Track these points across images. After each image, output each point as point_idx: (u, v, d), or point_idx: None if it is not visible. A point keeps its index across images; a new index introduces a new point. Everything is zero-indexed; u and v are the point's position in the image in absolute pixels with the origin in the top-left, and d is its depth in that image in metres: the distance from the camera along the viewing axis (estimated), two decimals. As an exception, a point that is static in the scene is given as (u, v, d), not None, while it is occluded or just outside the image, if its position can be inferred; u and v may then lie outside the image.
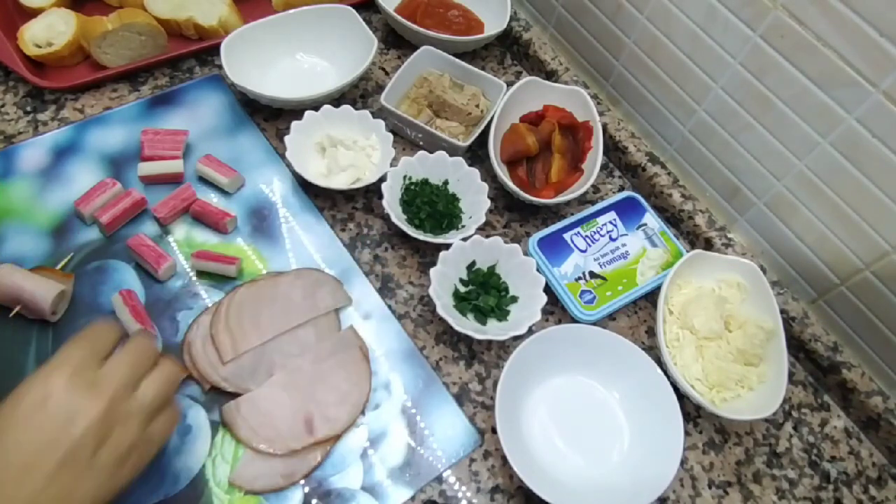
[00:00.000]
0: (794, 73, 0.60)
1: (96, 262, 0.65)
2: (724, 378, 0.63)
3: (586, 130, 0.78)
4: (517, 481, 0.58)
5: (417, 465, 0.59)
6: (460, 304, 0.66)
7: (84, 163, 0.71)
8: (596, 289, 0.69)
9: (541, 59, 0.88)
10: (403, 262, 0.71)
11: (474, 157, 0.80)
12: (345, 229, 0.72)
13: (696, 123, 0.73)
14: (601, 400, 0.64)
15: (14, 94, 0.75)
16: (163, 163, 0.70)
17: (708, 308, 0.66)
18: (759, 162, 0.68)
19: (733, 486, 0.63)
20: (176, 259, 0.66)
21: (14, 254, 0.64)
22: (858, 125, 0.57)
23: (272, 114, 0.79)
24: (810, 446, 0.67)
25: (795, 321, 0.70)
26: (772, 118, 0.64)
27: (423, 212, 0.71)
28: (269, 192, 0.73)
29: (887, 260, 0.61)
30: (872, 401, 0.66)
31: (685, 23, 0.68)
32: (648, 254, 0.73)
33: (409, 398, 0.62)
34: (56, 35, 0.76)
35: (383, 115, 0.77)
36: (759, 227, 0.72)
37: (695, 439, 0.65)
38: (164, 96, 0.78)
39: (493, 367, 0.66)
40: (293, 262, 0.68)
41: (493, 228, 0.75)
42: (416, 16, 0.86)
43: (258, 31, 0.78)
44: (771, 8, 0.59)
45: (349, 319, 0.66)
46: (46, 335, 0.60)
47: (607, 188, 0.82)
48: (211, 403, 0.59)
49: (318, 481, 0.57)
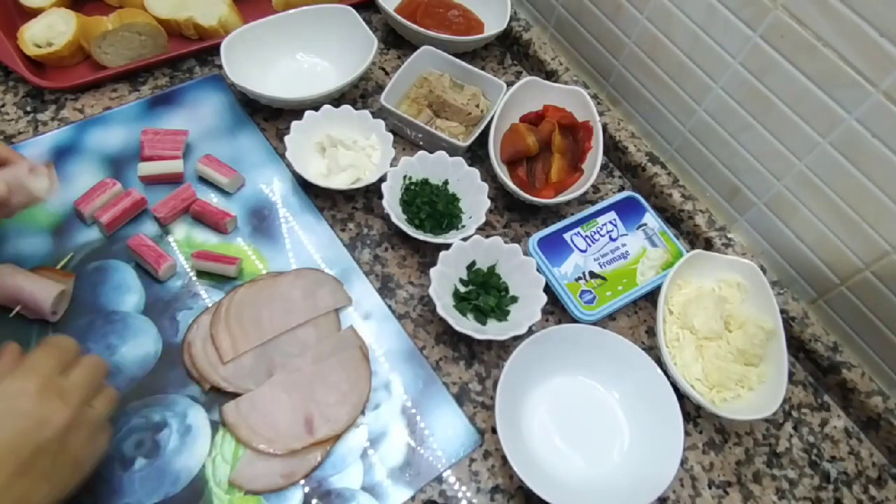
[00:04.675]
0: (794, 73, 0.60)
1: (96, 262, 0.65)
2: (724, 378, 0.63)
3: (586, 130, 0.78)
4: (517, 481, 0.58)
5: (417, 465, 0.59)
6: (460, 304, 0.66)
7: (84, 163, 0.71)
8: (596, 289, 0.69)
9: (541, 59, 0.88)
10: (403, 262, 0.71)
11: (474, 157, 0.80)
12: (345, 229, 0.72)
13: (696, 123, 0.73)
14: (601, 400, 0.64)
15: (14, 94, 0.75)
16: (163, 163, 0.70)
17: (708, 308, 0.66)
18: (759, 162, 0.68)
19: (733, 486, 0.63)
20: (176, 259, 0.66)
21: (14, 254, 0.64)
22: (858, 125, 0.57)
23: (272, 114, 0.79)
24: (810, 446, 0.67)
25: (795, 321, 0.70)
26: (772, 118, 0.64)
27: (423, 212, 0.71)
28: (269, 192, 0.73)
29: (887, 260, 0.61)
30: (872, 401, 0.66)
31: (685, 23, 0.68)
32: (648, 254, 0.73)
33: (409, 398, 0.62)
34: (56, 35, 0.76)
35: (383, 115, 0.77)
36: (759, 227, 0.72)
37: (695, 439, 0.65)
38: (164, 96, 0.78)
39: (493, 367, 0.66)
40: (293, 262, 0.68)
41: (493, 228, 0.75)
42: (416, 16, 0.86)
43: (258, 31, 0.78)
44: (771, 8, 0.59)
45: (349, 319, 0.66)
46: (46, 335, 0.60)
47: (607, 188, 0.82)
48: (211, 403, 0.59)
49: (318, 481, 0.57)
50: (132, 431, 0.57)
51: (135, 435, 0.56)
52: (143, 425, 0.57)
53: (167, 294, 0.64)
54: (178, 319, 0.63)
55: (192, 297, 0.64)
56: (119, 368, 0.59)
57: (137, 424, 0.57)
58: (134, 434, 0.57)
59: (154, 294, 0.64)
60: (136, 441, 0.56)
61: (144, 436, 0.57)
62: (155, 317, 0.62)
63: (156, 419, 0.57)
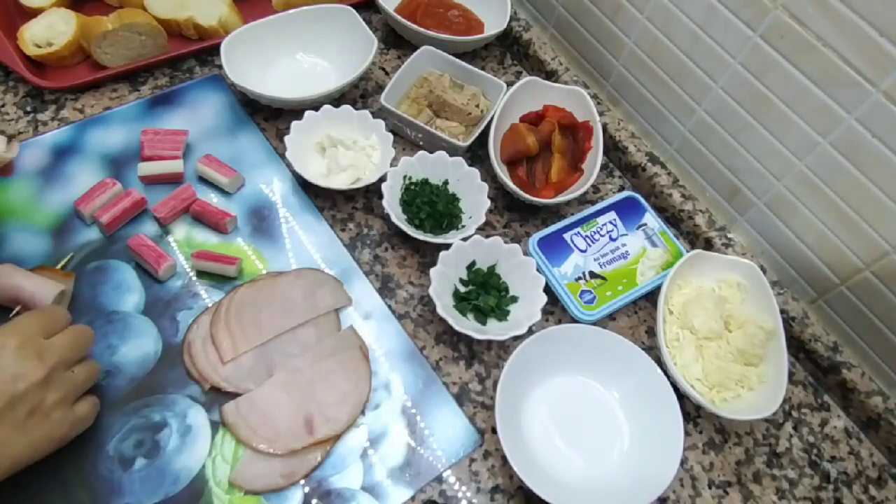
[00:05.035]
0: (794, 73, 0.60)
1: (96, 262, 0.65)
2: (724, 378, 0.63)
3: (586, 130, 0.78)
4: (517, 481, 0.58)
5: (417, 465, 0.59)
6: (460, 304, 0.66)
7: (84, 163, 0.71)
8: (596, 289, 0.69)
9: (541, 59, 0.88)
10: (403, 262, 0.71)
11: (474, 157, 0.80)
12: (345, 229, 0.72)
13: (696, 123, 0.73)
14: (601, 400, 0.64)
15: (14, 94, 0.75)
16: (163, 163, 0.70)
17: (708, 308, 0.66)
18: (759, 162, 0.68)
19: (733, 486, 0.63)
20: (176, 259, 0.66)
21: (14, 254, 0.64)
22: (858, 125, 0.57)
23: (272, 114, 0.79)
24: (810, 446, 0.67)
25: (795, 321, 0.70)
26: (772, 118, 0.64)
27: (423, 212, 0.71)
28: (269, 192, 0.73)
29: (887, 260, 0.61)
30: (872, 401, 0.66)
31: (685, 23, 0.68)
32: (648, 254, 0.73)
33: (409, 398, 0.62)
34: (56, 35, 0.76)
35: (383, 115, 0.77)
36: (759, 227, 0.72)
37: (695, 439, 0.65)
38: (164, 96, 0.78)
39: (493, 367, 0.66)
40: (293, 262, 0.68)
41: (493, 228, 0.75)
42: (416, 16, 0.86)
43: (258, 31, 0.78)
44: (771, 8, 0.59)
45: (349, 319, 0.66)
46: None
47: (607, 188, 0.82)
48: (211, 403, 0.59)
49: (318, 481, 0.57)
50: (132, 431, 0.57)
51: (135, 435, 0.56)
52: (143, 425, 0.57)
53: (167, 294, 0.64)
54: (178, 319, 0.63)
55: (192, 297, 0.64)
56: (119, 368, 0.59)
57: (137, 424, 0.57)
58: (134, 434, 0.57)
59: (154, 294, 0.64)
60: (136, 441, 0.56)
61: (144, 436, 0.57)
62: (155, 317, 0.62)
63: (156, 419, 0.57)
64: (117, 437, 0.56)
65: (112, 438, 0.56)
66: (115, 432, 0.56)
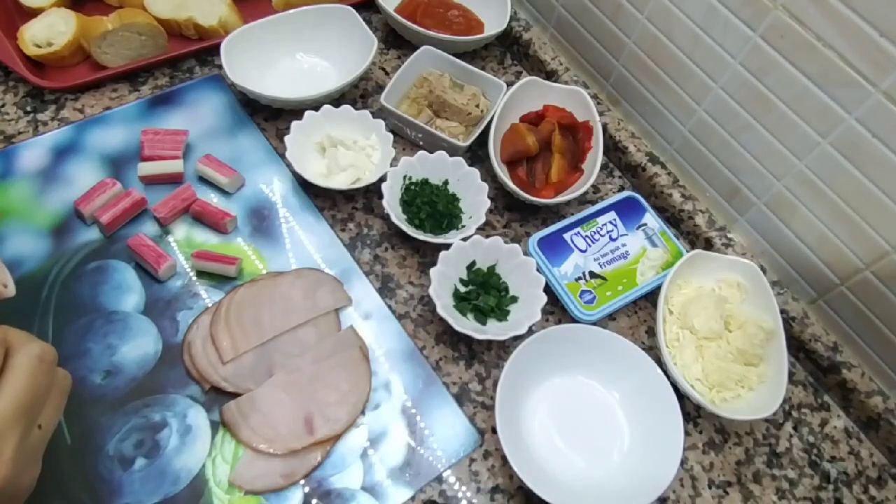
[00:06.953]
0: (794, 73, 0.60)
1: (96, 262, 0.65)
2: (724, 378, 0.63)
3: (586, 130, 0.78)
4: (517, 481, 0.58)
5: (417, 465, 0.59)
6: (460, 304, 0.66)
7: (84, 163, 0.71)
8: (596, 289, 0.69)
9: (541, 59, 0.88)
10: (403, 262, 0.71)
11: (474, 157, 0.80)
12: (345, 229, 0.72)
13: (696, 123, 0.73)
14: (601, 400, 0.64)
15: (14, 94, 0.75)
16: (163, 163, 0.70)
17: (708, 308, 0.66)
18: (759, 162, 0.68)
19: (733, 486, 0.63)
20: (176, 259, 0.66)
21: (14, 254, 0.64)
22: (858, 125, 0.57)
23: (272, 114, 0.79)
24: (810, 446, 0.67)
25: (795, 321, 0.70)
26: (772, 118, 0.64)
27: (423, 212, 0.71)
28: (269, 192, 0.73)
29: (887, 260, 0.61)
30: (872, 401, 0.66)
31: (685, 23, 0.68)
32: (648, 254, 0.73)
33: (409, 398, 0.62)
34: (56, 35, 0.76)
35: (383, 115, 0.77)
36: (759, 227, 0.72)
37: (695, 439, 0.65)
38: (164, 96, 0.78)
39: (493, 367, 0.66)
40: (293, 262, 0.68)
41: (493, 228, 0.75)
42: (416, 16, 0.86)
43: (258, 31, 0.78)
44: (771, 8, 0.59)
45: (349, 319, 0.66)
46: (47, 335, 0.60)
47: (607, 188, 0.82)
48: (211, 403, 0.59)
49: (318, 481, 0.57)
50: (132, 431, 0.57)
51: (135, 435, 0.56)
52: (143, 425, 0.57)
53: (167, 294, 0.64)
54: (178, 319, 0.63)
55: (192, 297, 0.64)
56: (119, 368, 0.59)
57: (137, 424, 0.57)
58: (134, 434, 0.57)
59: (154, 294, 0.64)
60: (136, 441, 0.56)
61: (144, 436, 0.57)
62: (155, 317, 0.62)
63: (156, 419, 0.57)
64: (117, 437, 0.56)
65: (112, 438, 0.56)
66: (114, 432, 0.56)
